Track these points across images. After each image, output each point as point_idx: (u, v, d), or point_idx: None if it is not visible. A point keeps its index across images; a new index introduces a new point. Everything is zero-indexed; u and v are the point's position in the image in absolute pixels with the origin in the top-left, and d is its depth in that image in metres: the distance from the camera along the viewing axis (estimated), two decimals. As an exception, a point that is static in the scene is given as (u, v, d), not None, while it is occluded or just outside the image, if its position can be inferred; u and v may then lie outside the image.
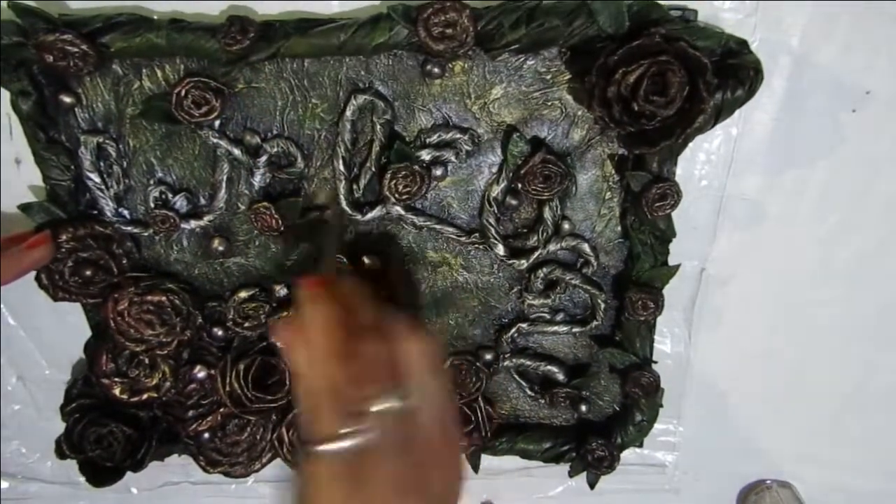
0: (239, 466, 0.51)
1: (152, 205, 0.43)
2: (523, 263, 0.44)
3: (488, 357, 0.48)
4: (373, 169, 0.42)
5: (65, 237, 0.42)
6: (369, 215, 0.43)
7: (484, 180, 0.43)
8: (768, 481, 0.57)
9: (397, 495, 0.29)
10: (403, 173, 0.41)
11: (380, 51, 0.38)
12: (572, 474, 0.52)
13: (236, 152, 0.41)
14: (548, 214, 0.43)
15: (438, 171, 0.42)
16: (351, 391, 0.29)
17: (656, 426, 0.50)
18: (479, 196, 0.43)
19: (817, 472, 0.56)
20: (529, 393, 0.50)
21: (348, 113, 0.40)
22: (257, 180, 0.42)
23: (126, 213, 0.44)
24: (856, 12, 0.38)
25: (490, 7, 0.36)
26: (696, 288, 0.47)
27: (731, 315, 0.49)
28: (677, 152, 0.40)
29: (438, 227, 0.44)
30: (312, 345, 0.31)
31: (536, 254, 0.44)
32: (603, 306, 0.46)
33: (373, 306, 0.33)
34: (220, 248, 0.44)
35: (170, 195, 0.43)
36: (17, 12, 0.36)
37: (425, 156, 0.41)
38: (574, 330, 0.47)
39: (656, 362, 0.48)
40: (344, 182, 0.42)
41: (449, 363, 0.48)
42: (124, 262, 0.44)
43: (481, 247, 0.44)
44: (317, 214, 0.43)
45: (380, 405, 0.29)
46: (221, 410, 0.49)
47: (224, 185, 0.43)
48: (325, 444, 0.29)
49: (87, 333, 0.48)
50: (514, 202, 0.43)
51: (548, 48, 0.38)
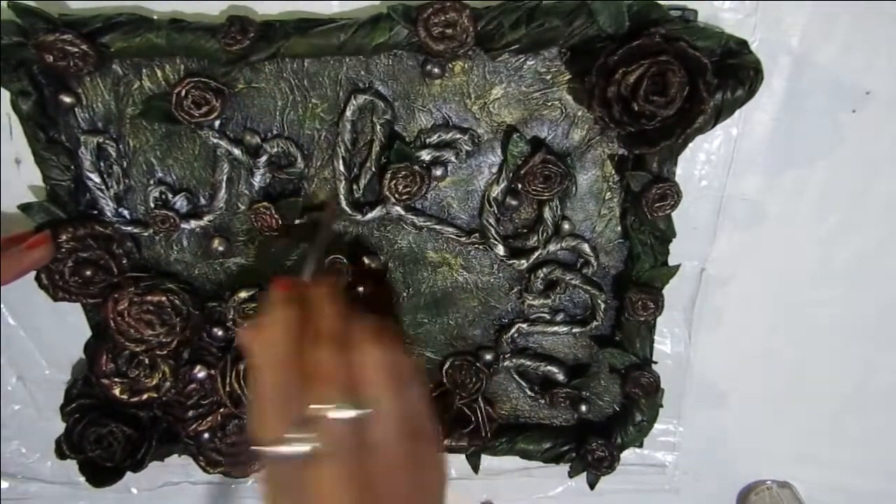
0: (239, 466, 0.51)
1: (152, 205, 0.43)
2: (523, 263, 0.44)
3: (488, 357, 0.48)
4: (373, 169, 0.42)
5: (65, 237, 0.42)
6: (369, 215, 0.43)
7: (484, 180, 0.43)
8: (768, 481, 0.57)
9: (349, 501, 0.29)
10: (403, 173, 0.41)
11: (380, 51, 0.38)
12: (572, 474, 0.52)
13: (236, 152, 0.41)
14: (548, 214, 0.43)
15: (438, 172, 0.42)
16: (300, 397, 0.29)
17: (656, 426, 0.50)
18: (479, 196, 0.43)
19: (817, 472, 0.56)
20: (529, 393, 0.50)
21: (348, 113, 0.40)
22: (257, 180, 0.42)
23: (126, 213, 0.44)
24: (856, 12, 0.38)
25: (490, 7, 0.36)
26: (696, 288, 0.47)
27: (731, 315, 0.49)
28: (677, 152, 0.40)
29: (438, 227, 0.44)
30: (266, 347, 0.31)
31: (536, 254, 0.44)
32: (603, 306, 0.46)
33: (341, 313, 0.32)
34: (220, 248, 0.44)
35: (170, 195, 0.43)
36: (17, 12, 0.36)
37: (425, 156, 0.41)
38: (574, 330, 0.47)
39: (656, 362, 0.48)
40: (344, 182, 0.42)
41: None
42: (124, 262, 0.44)
43: (481, 247, 0.44)
44: (317, 214, 0.43)
45: (331, 413, 0.29)
46: (221, 410, 0.49)
47: (224, 185, 0.43)
48: (269, 446, 0.29)
49: (87, 333, 0.48)
50: (514, 202, 0.43)
51: (548, 48, 0.38)
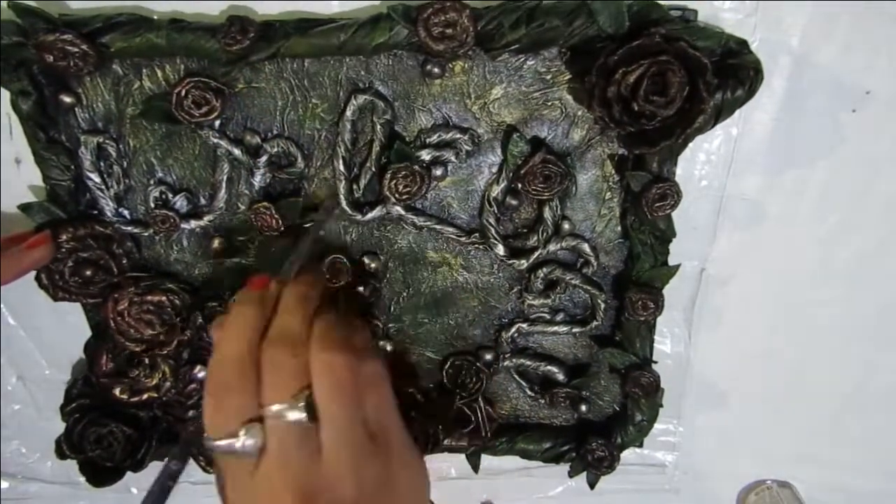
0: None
1: (152, 205, 0.43)
2: (523, 263, 0.44)
3: (488, 357, 0.48)
4: (373, 169, 0.42)
5: (65, 237, 0.42)
6: (369, 215, 0.43)
7: (484, 180, 0.43)
8: (768, 481, 0.57)
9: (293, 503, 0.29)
10: (403, 173, 0.41)
11: (380, 51, 0.38)
12: (572, 474, 0.52)
13: (236, 152, 0.41)
14: (548, 214, 0.43)
15: (438, 171, 0.42)
16: (247, 395, 0.30)
17: (656, 426, 0.50)
18: (479, 196, 0.43)
19: (817, 472, 0.56)
20: (529, 393, 0.50)
21: (348, 113, 0.40)
22: (257, 180, 0.42)
23: (126, 213, 0.44)
24: (856, 12, 0.38)
25: (490, 7, 0.36)
26: (696, 288, 0.47)
27: (731, 315, 0.49)
28: (677, 152, 0.40)
29: (438, 227, 0.44)
30: (223, 344, 0.31)
31: (536, 254, 0.44)
32: (603, 306, 0.46)
33: (306, 315, 0.32)
34: (220, 249, 0.44)
35: (170, 195, 0.43)
36: (17, 12, 0.36)
37: (425, 156, 0.41)
38: (574, 330, 0.47)
39: (656, 362, 0.48)
40: (344, 182, 0.42)
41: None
42: (124, 262, 0.44)
43: (481, 247, 0.44)
44: (317, 214, 0.43)
45: (278, 414, 0.29)
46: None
47: (224, 185, 0.42)
48: (214, 441, 0.30)
49: (87, 333, 0.48)
50: (514, 202, 0.43)
51: (548, 48, 0.38)
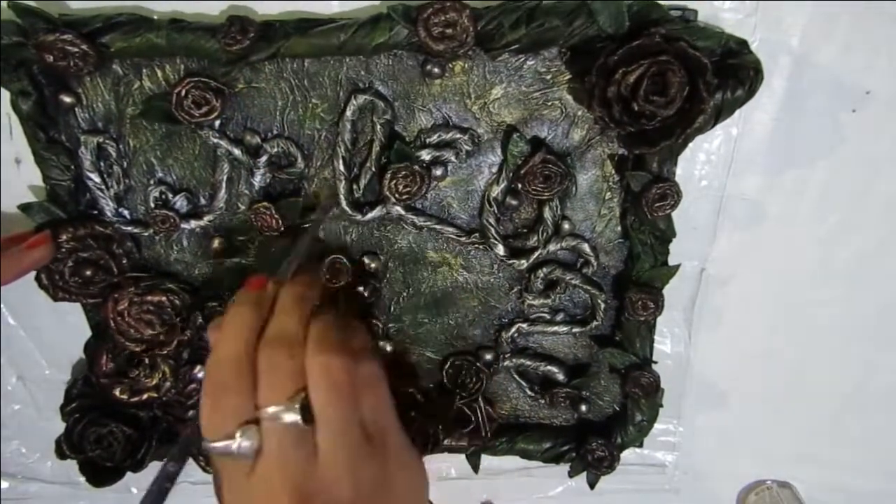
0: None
1: (152, 205, 0.43)
2: (523, 263, 0.44)
3: (488, 357, 0.48)
4: (373, 169, 0.42)
5: (65, 237, 0.42)
6: (369, 215, 0.43)
7: (484, 180, 0.43)
8: (768, 481, 0.57)
9: None
10: (403, 173, 0.41)
11: (380, 51, 0.38)
12: (572, 474, 0.52)
13: (236, 152, 0.41)
14: (548, 214, 0.43)
15: (438, 171, 0.42)
16: (243, 396, 0.30)
17: (656, 426, 0.50)
18: (479, 196, 0.43)
19: (817, 472, 0.56)
20: (529, 393, 0.50)
21: (348, 113, 0.40)
22: (257, 180, 0.42)
23: (126, 213, 0.44)
24: (856, 12, 0.38)
25: (490, 7, 0.36)
26: (696, 288, 0.47)
27: (731, 315, 0.49)
28: (677, 152, 0.40)
29: (438, 227, 0.44)
30: (220, 345, 0.31)
31: (536, 254, 0.44)
32: (603, 306, 0.46)
33: (303, 316, 0.32)
34: (220, 249, 0.44)
35: (170, 195, 0.43)
36: (17, 12, 0.36)
37: (425, 156, 0.41)
38: (574, 330, 0.47)
39: (656, 362, 0.48)
40: (344, 182, 0.42)
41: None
42: (124, 262, 0.44)
43: (481, 247, 0.44)
44: (315, 213, 0.43)
45: (275, 416, 0.29)
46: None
47: (224, 185, 0.42)
48: (211, 442, 0.30)
49: (87, 333, 0.48)
50: (514, 202, 0.43)
51: (548, 48, 0.38)
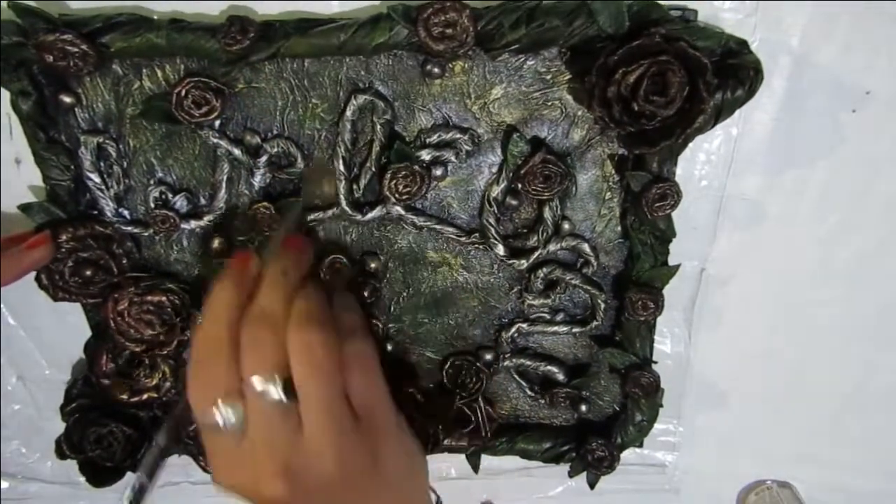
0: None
1: (152, 205, 0.43)
2: (523, 263, 0.44)
3: (488, 357, 0.48)
4: (373, 169, 0.42)
5: (65, 237, 0.42)
6: (369, 215, 0.43)
7: (484, 180, 0.43)
8: (768, 481, 0.57)
9: (273, 479, 0.30)
10: (403, 173, 0.41)
11: (380, 51, 0.38)
12: (572, 474, 0.52)
13: (236, 152, 0.41)
14: (548, 214, 0.43)
15: (438, 171, 0.42)
16: (228, 371, 0.30)
17: (656, 426, 0.50)
18: (479, 196, 0.43)
19: (817, 472, 0.56)
20: (529, 393, 0.50)
21: (348, 113, 0.40)
22: (257, 180, 0.42)
23: (126, 213, 0.44)
24: (856, 12, 0.38)
25: (490, 7, 0.36)
26: (696, 288, 0.47)
27: (731, 315, 0.49)
28: (677, 152, 0.40)
29: (438, 227, 0.44)
30: (205, 321, 0.32)
31: (536, 254, 0.44)
32: (603, 306, 0.46)
33: (287, 293, 0.33)
34: (220, 249, 0.44)
35: (170, 195, 0.43)
36: (17, 12, 0.36)
37: (425, 156, 0.41)
38: (574, 330, 0.47)
39: (656, 362, 0.48)
40: (344, 182, 0.42)
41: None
42: (124, 262, 0.44)
43: (481, 247, 0.44)
44: (318, 215, 0.43)
45: (258, 390, 0.30)
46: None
47: (224, 185, 0.42)
48: (197, 415, 0.31)
49: (87, 333, 0.48)
50: (514, 202, 0.43)
51: (548, 48, 0.38)
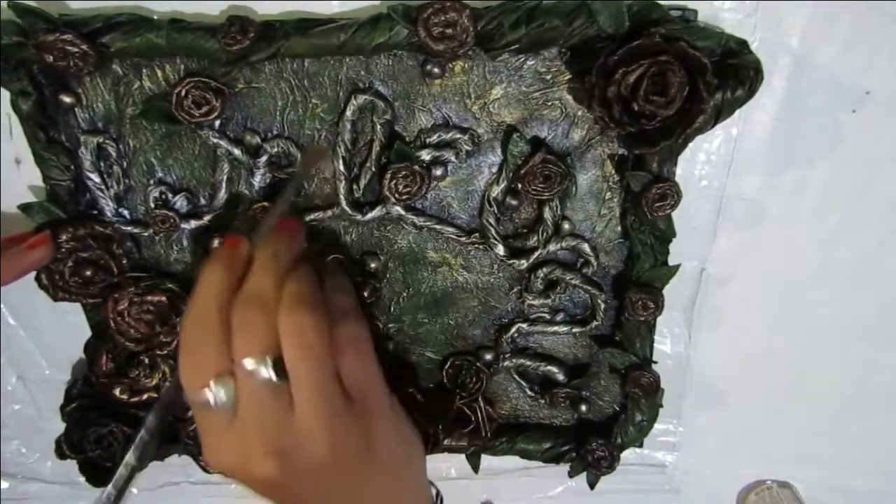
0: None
1: (152, 205, 0.43)
2: (523, 263, 0.44)
3: (488, 357, 0.48)
4: (373, 169, 0.42)
5: (65, 237, 0.42)
6: (369, 215, 0.43)
7: (484, 180, 0.43)
8: (768, 481, 0.57)
9: (263, 459, 0.31)
10: (403, 173, 0.41)
11: (380, 51, 0.38)
12: (572, 474, 0.52)
13: (236, 152, 0.41)
14: (548, 214, 0.43)
15: (438, 171, 0.42)
16: (219, 352, 0.31)
17: (656, 426, 0.50)
18: (479, 196, 0.43)
19: (817, 472, 0.56)
20: (529, 393, 0.50)
21: (348, 113, 0.40)
22: (257, 180, 0.42)
23: (126, 213, 0.44)
24: (856, 12, 0.38)
25: (490, 7, 0.36)
26: (696, 288, 0.47)
27: (731, 315, 0.49)
28: (677, 152, 0.40)
29: (438, 227, 0.44)
30: (196, 302, 0.32)
31: (536, 254, 0.44)
32: (603, 306, 0.46)
33: (277, 274, 0.33)
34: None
35: (170, 195, 0.43)
36: (17, 12, 0.36)
37: (425, 156, 0.41)
38: (574, 330, 0.47)
39: (656, 362, 0.48)
40: (344, 182, 0.42)
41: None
42: (124, 262, 0.44)
43: (481, 247, 0.44)
44: (318, 214, 0.43)
45: (249, 370, 0.30)
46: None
47: (224, 185, 0.42)
48: (188, 394, 0.31)
49: (87, 333, 0.48)
50: (514, 202, 0.43)
51: (548, 48, 0.38)
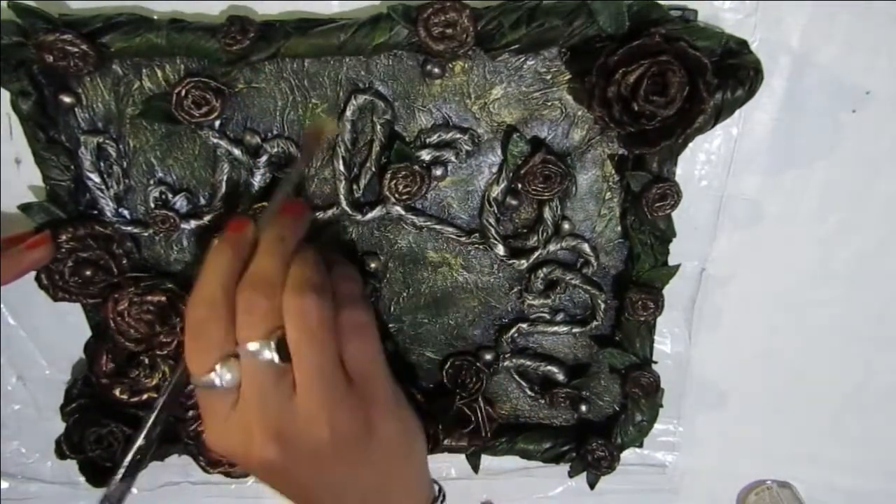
0: (239, 467, 0.51)
1: (152, 205, 0.43)
2: (523, 263, 0.44)
3: (488, 357, 0.48)
4: (373, 169, 0.42)
5: (65, 237, 0.42)
6: (369, 215, 0.43)
7: (484, 180, 0.43)
8: (768, 481, 0.57)
9: (264, 442, 0.31)
10: (403, 173, 0.41)
11: (380, 51, 0.38)
12: (572, 474, 0.52)
13: (236, 152, 0.41)
14: (548, 214, 0.43)
15: (438, 171, 0.42)
16: (223, 334, 0.31)
17: (656, 426, 0.50)
18: (479, 196, 0.43)
19: (817, 472, 0.56)
20: (529, 393, 0.50)
21: (348, 113, 0.40)
22: (257, 180, 0.42)
23: (126, 213, 0.44)
24: (856, 12, 0.38)
25: (490, 7, 0.36)
26: (696, 288, 0.47)
27: (731, 315, 0.49)
28: (677, 152, 0.40)
29: (438, 227, 0.44)
30: (201, 286, 0.33)
31: (536, 254, 0.44)
32: (603, 306, 0.46)
33: (284, 259, 0.34)
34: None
35: (170, 195, 0.43)
36: (17, 12, 0.36)
37: (425, 156, 0.41)
38: (574, 330, 0.47)
39: (656, 362, 0.48)
40: (344, 182, 0.42)
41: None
42: (124, 262, 0.44)
43: (481, 247, 0.44)
44: (318, 214, 0.43)
45: (252, 352, 0.31)
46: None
47: (224, 185, 0.42)
48: (193, 376, 0.32)
49: (87, 333, 0.48)
50: (514, 202, 0.43)
51: (548, 48, 0.38)
